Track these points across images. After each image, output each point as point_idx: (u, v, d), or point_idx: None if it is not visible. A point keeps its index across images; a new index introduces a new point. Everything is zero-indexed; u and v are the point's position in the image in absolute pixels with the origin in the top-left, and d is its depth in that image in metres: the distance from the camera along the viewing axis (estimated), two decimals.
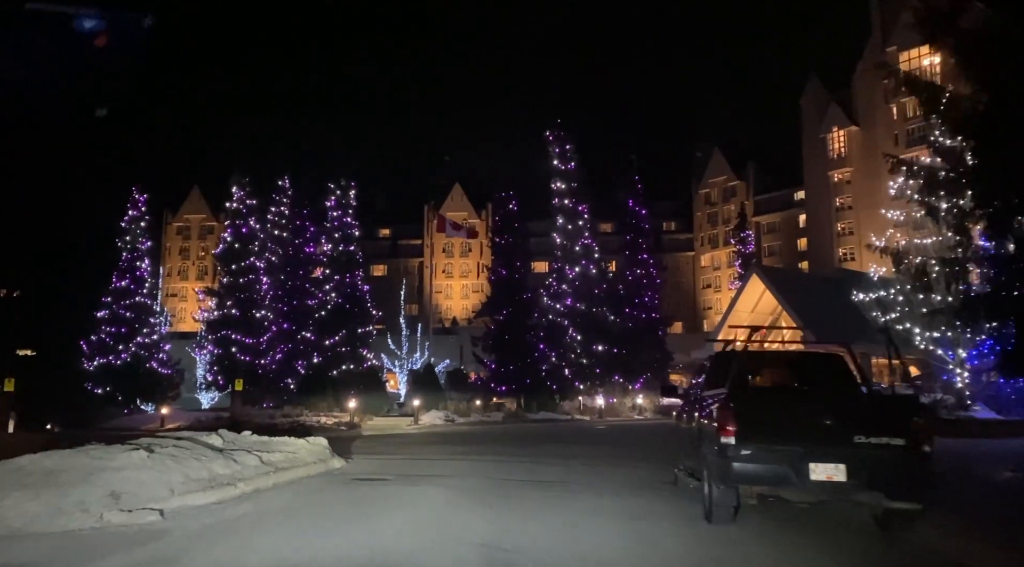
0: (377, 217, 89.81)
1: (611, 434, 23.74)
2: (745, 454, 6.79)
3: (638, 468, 12.32)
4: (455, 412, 29.55)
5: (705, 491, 7.63)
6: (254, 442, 11.07)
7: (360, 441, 20.01)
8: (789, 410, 7.13)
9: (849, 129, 70.63)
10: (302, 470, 10.30)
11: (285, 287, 45.07)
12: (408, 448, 16.86)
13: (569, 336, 36.48)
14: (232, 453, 9.66)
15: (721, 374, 8.69)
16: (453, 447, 16.63)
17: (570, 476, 10.97)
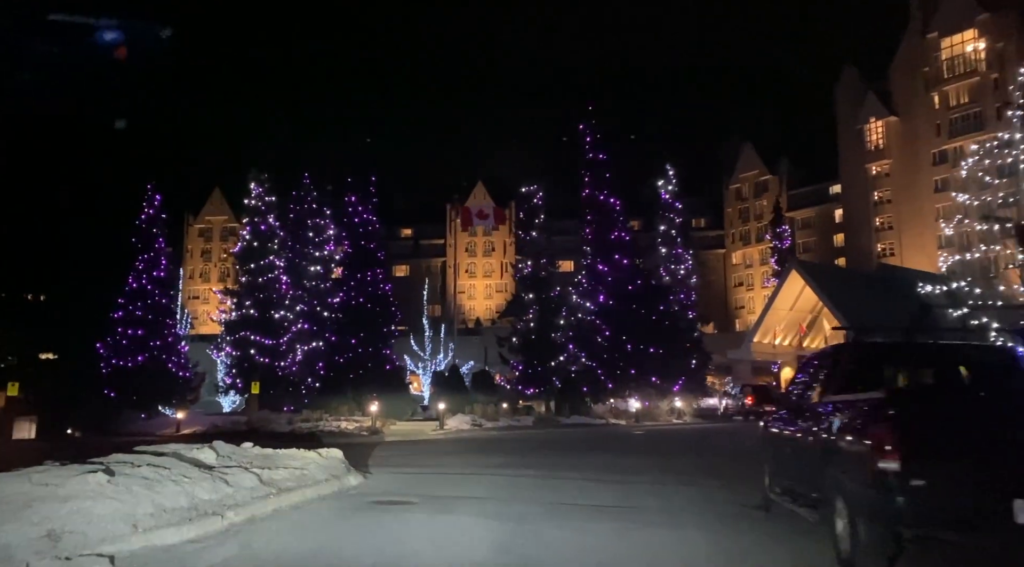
0: (399, 217, 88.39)
1: (655, 441, 21.76)
2: (916, 486, 4.85)
3: (708, 486, 10.41)
4: (482, 416, 27.74)
5: (839, 529, 5.70)
6: (255, 456, 9.31)
7: (382, 449, 18.24)
8: (976, 423, 5.16)
9: (887, 120, 67.87)
10: (311, 491, 8.51)
11: (305, 286, 43.67)
12: (435, 458, 15.03)
13: (601, 335, 34.50)
14: (225, 471, 7.88)
15: (842, 373, 6.74)
16: (486, 457, 14.77)
17: (634, 498, 9.07)
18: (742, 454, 16.23)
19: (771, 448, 8.35)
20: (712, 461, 14.83)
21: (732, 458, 15.49)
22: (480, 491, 9.42)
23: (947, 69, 64.08)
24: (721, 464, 14.22)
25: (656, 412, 33.24)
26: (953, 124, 63.23)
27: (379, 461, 14.01)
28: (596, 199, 35.41)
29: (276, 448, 10.47)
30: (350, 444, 21.09)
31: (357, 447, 19.22)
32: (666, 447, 18.83)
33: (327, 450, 10.37)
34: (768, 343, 53.08)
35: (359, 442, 22.43)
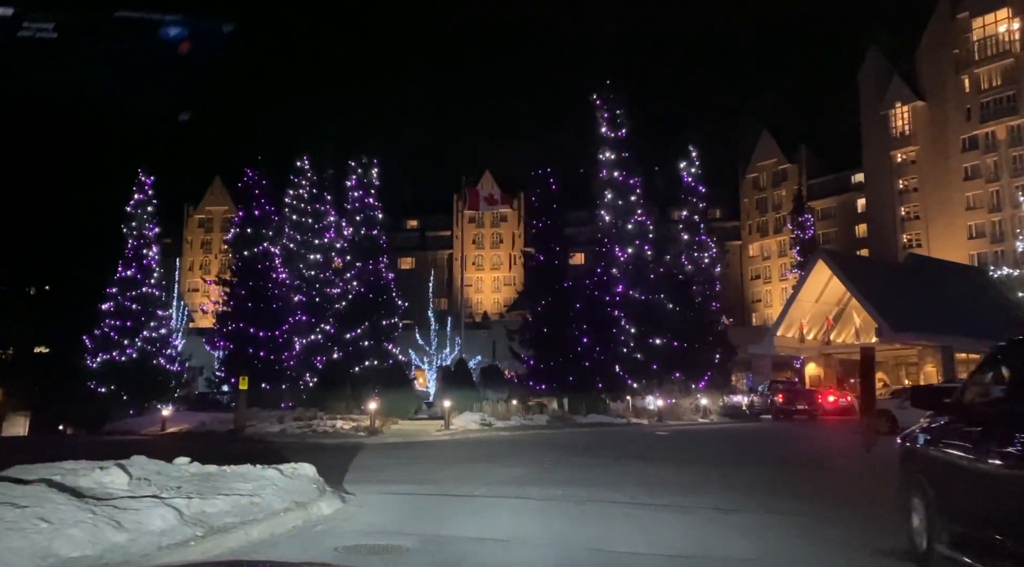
0: (405, 208, 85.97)
1: (688, 444, 19.21)
2: None
3: (799, 515, 7.83)
4: (492, 414, 25.24)
5: None
6: (188, 478, 6.84)
7: (377, 454, 15.75)
8: None
9: (914, 104, 64.96)
10: (259, 528, 5.99)
11: (303, 276, 41.25)
12: (438, 468, 12.50)
13: (620, 328, 31.92)
14: (125, 506, 5.37)
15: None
16: (500, 468, 12.25)
17: (715, 538, 6.50)
18: (798, 463, 13.61)
19: (929, 475, 5.73)
20: (774, 474, 12.27)
21: (793, 469, 12.94)
22: (501, 527, 6.88)
23: (978, 50, 61.13)
24: (788, 478, 11.67)
25: (679, 411, 30.67)
26: (984, 108, 60.30)
27: (370, 472, 11.51)
28: (614, 180, 32.78)
29: (232, 463, 7.94)
30: (343, 446, 18.63)
31: (349, 451, 16.75)
32: (706, 452, 16.25)
33: (295, 466, 7.86)
34: (792, 337, 50.30)
35: (354, 443, 19.96)
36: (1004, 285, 54.68)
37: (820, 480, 11.44)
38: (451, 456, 15.36)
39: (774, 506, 8.38)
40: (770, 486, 10.51)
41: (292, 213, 43.48)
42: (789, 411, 33.36)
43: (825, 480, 11.52)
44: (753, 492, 9.59)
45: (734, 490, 9.76)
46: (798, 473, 12.37)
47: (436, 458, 14.77)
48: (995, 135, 59.54)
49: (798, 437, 22.78)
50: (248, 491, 6.60)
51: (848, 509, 8.14)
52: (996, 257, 58.76)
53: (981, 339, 47.44)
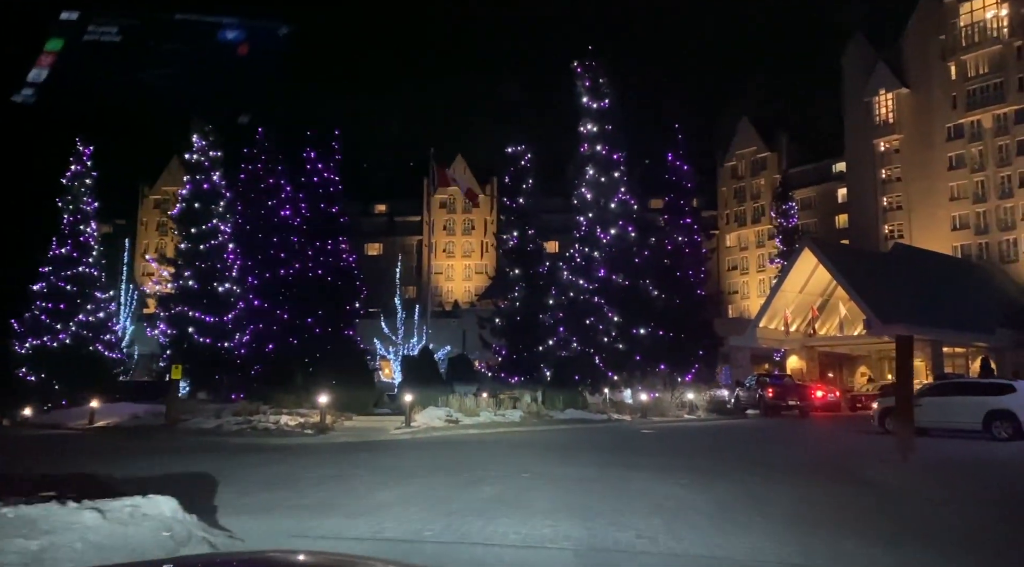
0: (373, 192, 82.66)
1: (684, 445, 16.65)
2: None
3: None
4: (459, 409, 22.51)
5: None
6: None
7: (315, 459, 12.96)
8: None
9: (898, 91, 63.22)
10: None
11: (256, 256, 38.01)
12: (386, 486, 9.71)
13: (601, 316, 29.35)
14: None
15: None
16: (465, 485, 9.51)
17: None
18: (837, 476, 10.91)
19: None
20: (819, 495, 9.67)
21: (838, 487, 10.40)
22: None
23: (965, 37, 59.48)
24: (841, 503, 9.11)
25: (663, 406, 28.20)
26: (971, 96, 58.70)
27: (292, 495, 8.70)
28: (596, 154, 30.08)
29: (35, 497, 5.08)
30: (280, 448, 15.81)
31: (282, 455, 13.93)
32: (708, 459, 13.65)
33: (139, 502, 5.03)
34: (775, 329, 48.29)
35: (296, 444, 17.15)
36: (992, 278, 53.25)
37: (889, 506, 8.88)
38: (407, 465, 12.58)
39: (868, 547, 5.74)
40: (827, 515, 7.92)
41: (246, 189, 40.24)
42: (779, 407, 31.13)
43: (895, 505, 8.96)
44: (815, 527, 6.97)
45: (784, 522, 7.14)
46: (849, 493, 9.82)
47: (387, 468, 11.97)
48: (981, 124, 58.01)
49: (803, 437, 20.40)
50: (16, 562, 3.78)
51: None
52: (980, 249, 57.36)
53: (969, 333, 45.99)
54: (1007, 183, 56.43)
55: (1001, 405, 18.92)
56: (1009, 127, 56.30)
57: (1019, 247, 55.44)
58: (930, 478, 11.13)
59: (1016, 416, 18.60)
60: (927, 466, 12.37)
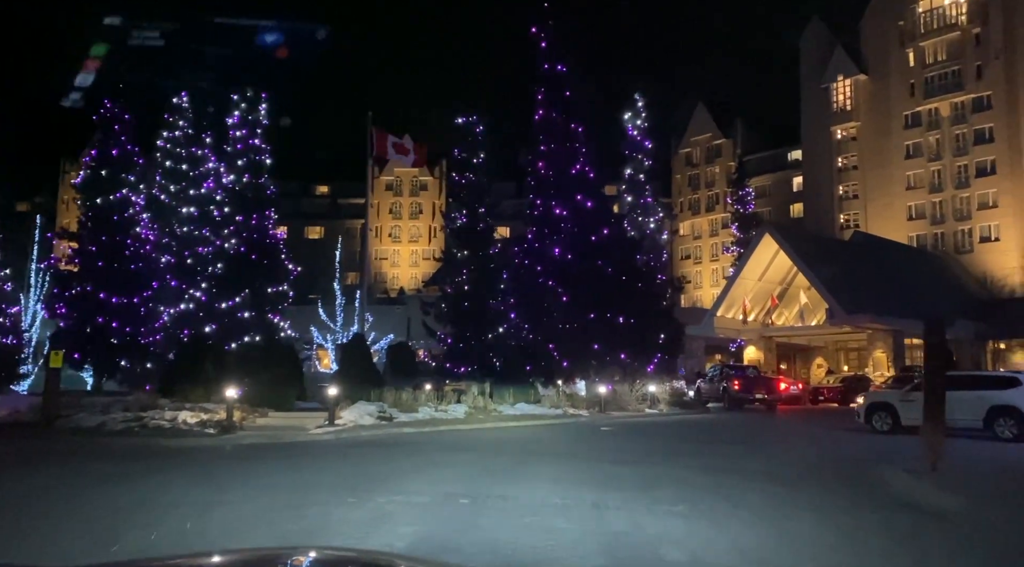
0: (315, 172, 78.62)
1: (655, 448, 14.03)
2: None
3: None
4: (394, 404, 19.55)
5: None
6: None
7: (194, 472, 9.94)
8: None
9: (856, 78, 62.08)
10: None
11: (175, 233, 34.30)
12: (265, 519, 6.77)
13: (555, 301, 26.69)
14: None
15: None
16: (381, 524, 6.63)
17: None
18: (874, 496, 8.14)
19: None
20: (887, 529, 7.07)
21: (881, 512, 7.85)
22: None
23: (923, 23, 58.54)
24: (909, 540, 6.49)
25: (623, 399, 25.68)
26: (928, 83, 57.79)
27: (83, 540, 5.68)
28: (552, 122, 27.28)
29: None
30: (171, 452, 12.80)
31: (165, 461, 10.88)
32: (696, 465, 11.02)
33: None
34: (732, 318, 46.44)
35: (190, 447, 14.04)
36: (948, 269, 52.47)
37: (981, 547, 6.31)
38: (309, 479, 9.61)
39: None
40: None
41: (165, 158, 36.41)
42: (744, 400, 29.00)
43: (987, 546, 6.42)
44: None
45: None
46: (904, 524, 7.22)
47: (282, 485, 8.99)
48: (938, 112, 57.17)
49: (788, 436, 18.07)
50: None
51: None
52: (936, 239, 56.60)
53: None
54: (963, 173, 55.72)
55: (1005, 400, 16.82)
56: (966, 116, 55.55)
57: (974, 238, 54.80)
58: (987, 495, 8.68)
59: (1022, 412, 16.54)
60: (964, 477, 9.96)
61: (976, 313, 45.42)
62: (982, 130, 54.79)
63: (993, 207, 53.81)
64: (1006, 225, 53.04)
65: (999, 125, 53.61)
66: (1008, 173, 53.05)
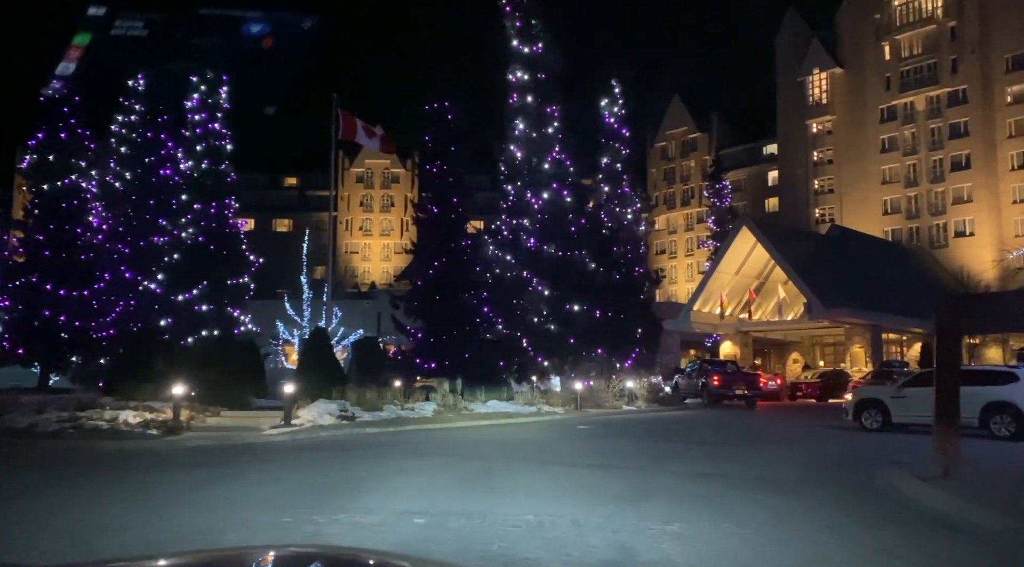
0: (283, 163, 76.70)
1: (640, 449, 12.94)
2: None
3: None
4: (357, 403, 18.29)
5: None
6: None
7: (104, 483, 8.61)
8: None
9: (832, 71, 61.79)
10: None
11: (130, 222, 32.54)
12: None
13: (531, 293, 25.56)
14: None
15: None
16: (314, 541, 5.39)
17: None
18: (888, 513, 7.11)
19: None
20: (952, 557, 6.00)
21: (927, 534, 6.79)
22: None
23: (899, 16, 58.32)
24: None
25: (600, 396, 24.66)
26: (904, 77, 57.62)
27: None
28: (527, 106, 26.11)
29: None
30: (104, 456, 11.52)
31: (90, 466, 9.58)
32: (690, 471, 9.94)
33: None
34: (709, 313, 45.71)
35: (129, 449, 12.75)
36: (923, 263, 52.29)
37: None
38: (245, 491, 8.34)
39: None
40: None
41: (119, 144, 34.57)
42: (724, 395, 28.14)
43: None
44: None
45: None
46: (936, 540, 6.18)
47: (209, 500, 7.72)
48: (914, 106, 56.97)
49: (776, 433, 17.11)
50: None
51: None
52: (911, 234, 56.44)
53: (907, 319, 44.44)
54: (939, 167, 55.59)
55: (1001, 396, 16.01)
56: (942, 110, 55.39)
57: (949, 232, 54.70)
58: (1018, 507, 7.67)
59: (1020, 409, 15.73)
60: (982, 483, 8.96)
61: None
62: (957, 124, 54.68)
63: (968, 201, 53.72)
64: (980, 220, 52.98)
65: (974, 119, 53.51)
66: (983, 168, 52.98)
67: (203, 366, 22.65)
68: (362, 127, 26.84)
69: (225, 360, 23.41)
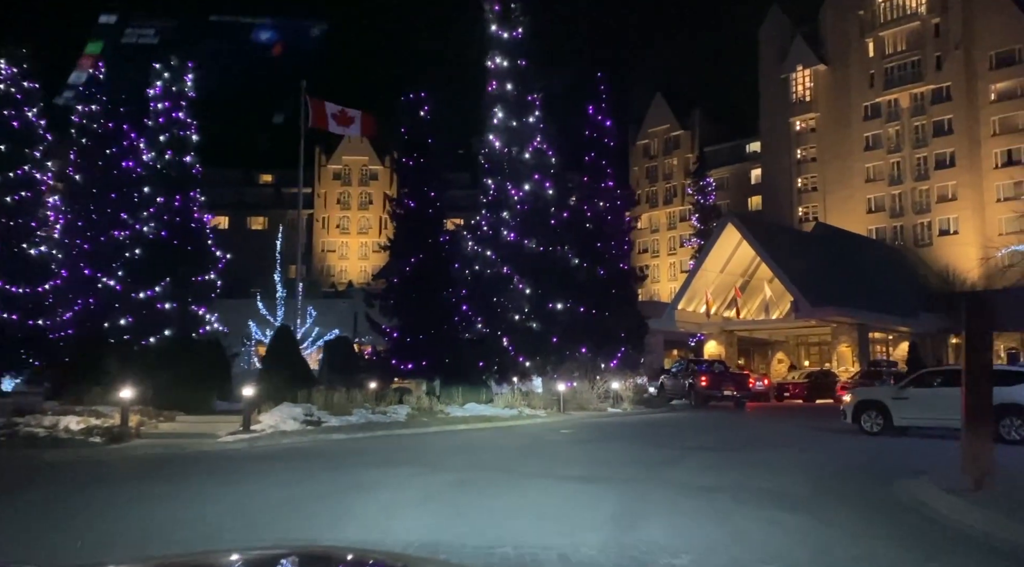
0: (258, 160, 74.88)
1: (646, 455, 11.76)
2: None
3: None
4: (324, 406, 16.99)
5: None
6: None
7: (8, 507, 7.28)
8: None
9: (816, 68, 61.17)
10: None
11: (89, 216, 30.98)
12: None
13: (511, 290, 24.38)
14: None
15: None
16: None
17: None
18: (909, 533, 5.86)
19: None
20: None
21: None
22: None
23: (883, 12, 57.81)
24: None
25: (583, 397, 23.51)
26: (889, 74, 57.10)
27: None
28: (507, 94, 24.89)
29: None
30: (28, 468, 10.13)
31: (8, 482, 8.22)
32: (693, 485, 8.78)
33: None
34: (694, 311, 44.77)
35: (61, 461, 11.48)
36: (908, 262, 51.73)
37: None
38: (160, 520, 7.04)
39: None
40: None
41: (79, 134, 32.98)
42: (712, 396, 27.12)
43: None
44: None
45: None
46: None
47: (103, 534, 6.41)
48: (898, 103, 56.49)
49: (772, 437, 16.03)
50: None
51: None
52: (895, 232, 55.92)
53: (893, 317, 43.80)
54: (923, 165, 55.13)
55: (1011, 398, 15.07)
56: (926, 107, 54.93)
57: (934, 231, 54.23)
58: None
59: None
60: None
61: (937, 307, 44.54)
62: (941, 122, 54.23)
63: (952, 200, 53.28)
64: (964, 218, 52.54)
65: (958, 117, 53.07)
66: (967, 166, 52.55)
67: (161, 367, 21.27)
68: (333, 115, 25.46)
69: (186, 361, 22.01)
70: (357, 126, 25.88)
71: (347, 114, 26.38)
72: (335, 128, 26.17)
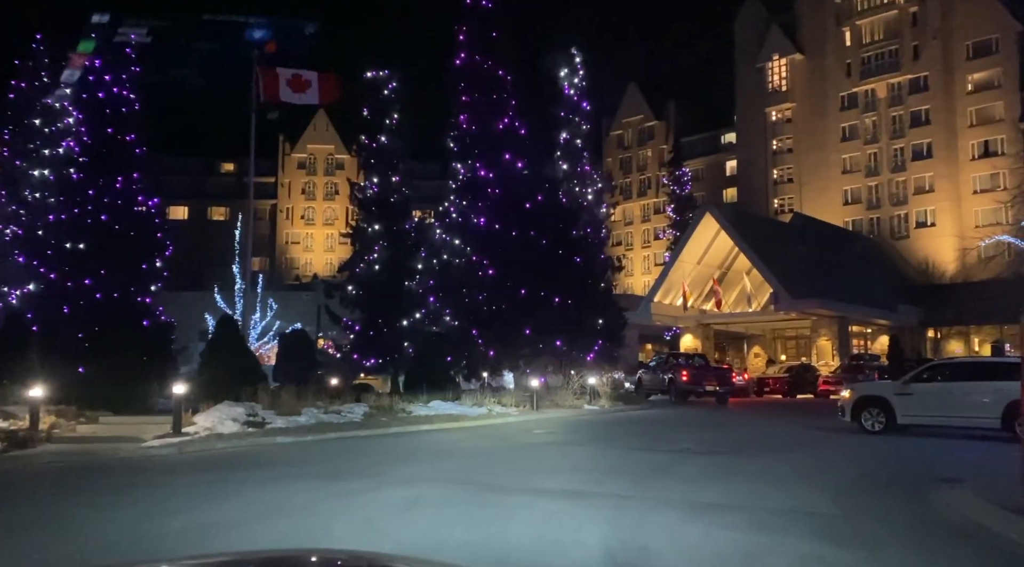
0: (220, 148, 72.24)
1: (638, 465, 10.13)
2: None
3: None
4: (270, 406, 15.17)
5: None
6: None
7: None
8: None
9: (792, 57, 60.19)
10: None
11: (26, 201, 28.74)
12: None
13: (481, 278, 22.70)
14: None
15: None
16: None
17: None
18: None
19: None
20: None
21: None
22: None
23: (861, 1, 56.93)
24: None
25: (558, 394, 21.93)
26: (865, 63, 56.26)
27: None
28: (476, 67, 23.12)
29: None
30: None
31: None
32: (692, 502, 7.21)
33: None
34: (670, 304, 43.47)
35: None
36: (885, 254, 51.00)
37: None
38: (23, 552, 5.24)
39: None
40: None
41: (16, 113, 30.66)
42: (693, 392, 25.73)
43: None
44: None
45: None
46: None
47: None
48: (875, 93, 55.69)
49: (766, 437, 14.53)
50: None
51: None
52: (872, 224, 55.18)
53: (873, 310, 42.88)
54: (900, 156, 54.40)
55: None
56: (903, 97, 54.18)
57: (911, 223, 53.54)
58: None
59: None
60: None
61: (915, 299, 43.80)
62: (919, 112, 53.51)
63: (929, 191, 52.62)
64: (942, 210, 51.91)
65: (936, 107, 52.38)
66: (944, 157, 51.89)
67: (90, 362, 19.33)
68: (287, 82, 23.26)
69: (120, 354, 20.09)
70: (315, 92, 23.63)
71: (302, 78, 24.02)
72: (289, 97, 23.83)
